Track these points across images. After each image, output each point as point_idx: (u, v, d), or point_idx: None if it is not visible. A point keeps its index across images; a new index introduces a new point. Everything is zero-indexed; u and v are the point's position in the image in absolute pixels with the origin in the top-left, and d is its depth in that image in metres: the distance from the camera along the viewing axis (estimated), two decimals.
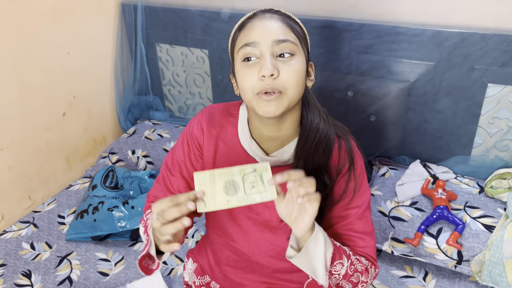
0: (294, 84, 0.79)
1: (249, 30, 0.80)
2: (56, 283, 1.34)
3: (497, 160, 1.48)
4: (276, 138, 0.87)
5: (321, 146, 0.85)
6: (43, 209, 1.64)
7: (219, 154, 0.92)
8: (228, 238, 0.96)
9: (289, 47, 0.79)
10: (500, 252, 1.21)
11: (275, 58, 0.78)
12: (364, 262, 0.87)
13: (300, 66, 0.80)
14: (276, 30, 0.79)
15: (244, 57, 0.80)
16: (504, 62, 1.35)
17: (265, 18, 0.81)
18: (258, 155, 0.88)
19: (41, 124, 1.67)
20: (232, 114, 0.93)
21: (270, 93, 0.78)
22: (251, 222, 0.92)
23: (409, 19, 1.47)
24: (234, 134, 0.91)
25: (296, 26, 0.83)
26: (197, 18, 1.76)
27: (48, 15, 1.60)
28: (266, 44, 0.78)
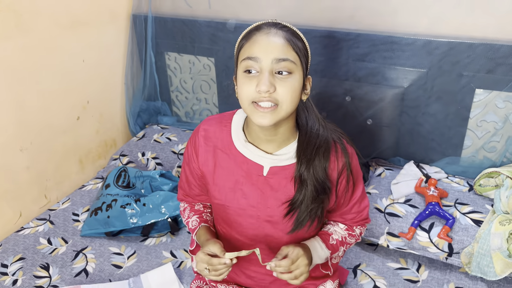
0: (289, 99, 0.85)
1: (254, 43, 0.85)
2: (73, 275, 1.42)
3: (485, 161, 1.57)
4: (273, 141, 0.95)
5: (321, 150, 0.93)
6: (58, 207, 1.73)
7: (218, 162, 1.00)
8: (234, 232, 1.05)
9: (288, 66, 0.84)
10: (488, 245, 1.29)
11: (274, 74, 0.84)
12: (357, 233, 1.08)
13: (296, 83, 0.86)
14: (277, 49, 0.84)
15: (245, 69, 0.86)
16: (490, 69, 1.45)
17: (270, 34, 0.85)
18: (258, 155, 0.96)
19: (58, 127, 1.77)
20: (225, 124, 1.01)
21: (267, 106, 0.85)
22: (253, 220, 1.01)
23: (402, 29, 1.56)
24: (230, 141, 0.99)
25: (299, 42, 0.88)
26: (204, 28, 1.86)
27: (67, 26, 1.71)
28: (266, 61, 0.83)
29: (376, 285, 1.34)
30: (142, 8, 1.98)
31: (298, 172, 0.93)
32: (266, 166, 0.96)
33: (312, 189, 0.92)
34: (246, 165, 0.97)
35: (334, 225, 1.09)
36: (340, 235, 1.06)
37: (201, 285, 1.19)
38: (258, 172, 0.97)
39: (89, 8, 1.79)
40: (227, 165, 0.99)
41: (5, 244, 1.55)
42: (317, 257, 0.99)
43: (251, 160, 0.97)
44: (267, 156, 0.95)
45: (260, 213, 0.99)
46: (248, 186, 0.98)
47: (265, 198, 0.98)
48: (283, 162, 0.96)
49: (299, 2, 1.69)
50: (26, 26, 1.55)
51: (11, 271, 1.44)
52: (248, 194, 0.98)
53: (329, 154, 0.94)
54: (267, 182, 0.97)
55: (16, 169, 1.62)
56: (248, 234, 1.03)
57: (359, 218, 1.08)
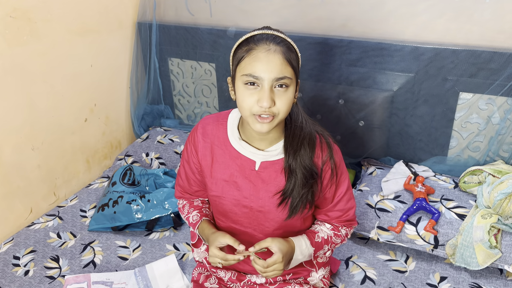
0: (285, 110, 0.95)
1: (255, 61, 0.91)
2: (82, 266, 1.51)
3: (470, 160, 1.67)
4: (265, 139, 1.05)
5: (306, 141, 1.03)
6: (67, 204, 1.82)
7: (215, 157, 1.10)
8: (230, 222, 1.14)
9: (285, 82, 0.93)
10: (470, 237, 1.37)
11: (273, 89, 0.93)
12: (342, 233, 1.14)
13: (291, 95, 0.95)
14: (277, 68, 0.91)
15: (247, 82, 0.93)
16: (472, 74, 1.54)
17: (270, 52, 0.91)
18: (250, 151, 1.06)
19: (67, 128, 1.86)
20: (221, 123, 1.10)
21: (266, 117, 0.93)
22: (247, 209, 1.10)
23: (391, 36, 1.66)
24: (226, 139, 1.09)
25: (293, 54, 0.95)
26: (206, 35, 1.96)
27: (77, 33, 1.82)
28: (268, 80, 0.91)
29: (366, 275, 1.42)
30: (147, 16, 2.09)
31: (287, 163, 1.02)
32: (258, 161, 1.06)
33: (301, 176, 1.02)
34: (240, 160, 1.07)
35: (320, 225, 1.16)
36: (326, 234, 1.13)
37: (202, 271, 1.28)
38: (250, 166, 1.06)
39: (98, 17, 1.90)
40: (223, 160, 1.09)
41: (17, 238, 1.63)
42: (299, 253, 1.07)
43: (244, 156, 1.06)
44: (258, 153, 1.05)
45: (253, 204, 1.08)
46: (241, 179, 1.07)
47: (257, 190, 1.07)
48: (273, 158, 1.05)
49: (295, 11, 1.79)
50: (40, 33, 1.66)
51: (23, 263, 1.52)
52: (241, 187, 1.08)
53: (314, 145, 1.04)
54: (258, 175, 1.06)
55: (28, 167, 1.72)
56: (243, 223, 1.12)
57: (345, 218, 1.15)
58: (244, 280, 1.21)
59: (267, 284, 1.21)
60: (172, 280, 1.40)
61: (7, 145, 1.62)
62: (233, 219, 1.13)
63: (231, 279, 1.22)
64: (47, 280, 1.45)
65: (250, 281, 1.21)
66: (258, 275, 1.21)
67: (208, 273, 1.27)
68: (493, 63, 1.50)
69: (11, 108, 1.61)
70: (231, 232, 1.15)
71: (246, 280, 1.21)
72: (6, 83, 1.57)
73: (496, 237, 1.37)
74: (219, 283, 1.23)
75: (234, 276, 1.21)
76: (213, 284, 1.23)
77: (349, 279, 1.41)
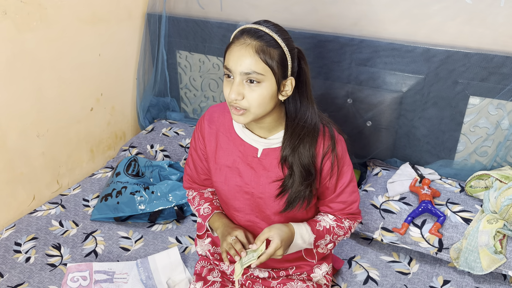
0: (256, 105, 0.95)
1: (229, 54, 0.95)
2: (83, 255, 1.51)
3: (477, 164, 1.66)
4: (263, 128, 1.06)
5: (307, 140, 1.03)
6: (69, 193, 1.82)
7: (220, 143, 1.12)
8: (232, 210, 1.16)
9: (255, 78, 0.93)
10: (476, 241, 1.37)
11: (244, 83, 0.94)
12: (345, 225, 1.14)
13: (264, 91, 0.94)
14: (245, 62, 0.92)
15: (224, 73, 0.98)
16: (483, 78, 1.54)
17: (243, 46, 0.93)
18: (253, 139, 1.08)
19: (73, 116, 1.86)
20: (228, 111, 1.12)
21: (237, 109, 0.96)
22: (248, 196, 1.11)
23: (403, 37, 1.65)
24: (230, 126, 1.12)
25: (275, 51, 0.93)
26: (216, 29, 1.96)
27: (87, 21, 1.81)
28: (236, 73, 0.94)
29: (369, 275, 1.42)
30: (157, 8, 2.08)
31: (283, 155, 1.04)
32: (260, 149, 1.08)
33: (299, 174, 1.04)
34: (243, 147, 1.09)
35: (323, 216, 1.16)
36: (328, 224, 1.13)
37: (205, 265, 1.27)
38: (253, 153, 1.09)
39: (108, 6, 1.89)
40: (226, 146, 1.11)
41: (19, 225, 1.63)
42: (299, 237, 1.06)
43: (247, 143, 1.09)
44: (260, 140, 1.07)
45: (254, 190, 1.10)
46: (243, 165, 1.10)
47: (258, 177, 1.09)
48: (274, 145, 1.07)
49: (307, 8, 1.79)
50: (50, 19, 1.65)
51: (24, 249, 1.52)
52: (243, 173, 1.10)
53: (316, 140, 1.04)
54: (260, 162, 1.08)
55: (32, 154, 1.71)
56: (245, 210, 1.14)
57: (348, 210, 1.14)
58: (247, 273, 1.21)
59: (270, 278, 1.20)
60: (174, 272, 1.40)
61: (13, 131, 1.61)
62: (235, 206, 1.15)
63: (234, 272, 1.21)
64: (48, 267, 1.44)
65: (253, 275, 1.21)
66: (260, 268, 1.21)
67: (211, 267, 1.26)
68: (505, 68, 1.49)
69: (19, 93, 1.60)
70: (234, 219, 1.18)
71: (249, 274, 1.21)
72: (14, 68, 1.56)
73: (501, 242, 1.36)
74: (222, 277, 1.23)
75: None
76: (216, 277, 1.22)
77: (352, 279, 1.40)
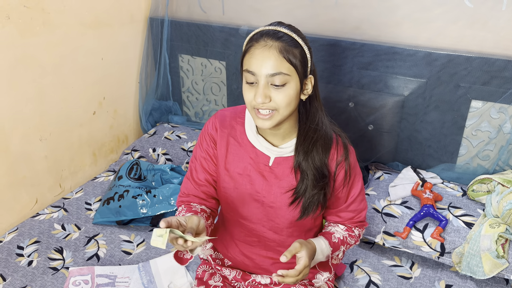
0: (285, 105, 0.94)
1: (251, 57, 0.92)
2: (85, 259, 1.51)
3: (479, 168, 1.65)
4: (277, 134, 1.04)
5: (320, 144, 1.02)
6: (72, 196, 1.82)
7: (230, 149, 1.09)
8: (239, 217, 1.13)
9: (281, 79, 0.91)
10: (478, 246, 1.36)
11: (269, 86, 0.92)
12: (356, 233, 1.13)
13: (291, 91, 0.93)
14: (270, 63, 0.90)
15: (246, 80, 0.95)
16: (485, 81, 1.54)
17: (266, 48, 0.91)
18: (265, 147, 1.05)
19: (75, 120, 1.86)
20: (240, 116, 1.10)
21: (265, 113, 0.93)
22: (258, 204, 1.09)
23: (404, 41, 1.65)
24: (242, 132, 1.09)
25: (296, 50, 0.93)
26: (218, 33, 1.96)
27: (89, 25, 1.82)
28: (261, 76, 0.91)
29: (371, 280, 1.41)
30: (159, 12, 2.09)
31: (297, 162, 1.02)
32: (272, 157, 1.06)
33: (312, 177, 1.02)
34: (255, 155, 1.07)
35: (334, 226, 1.16)
36: (341, 235, 1.13)
37: (207, 269, 1.27)
38: (265, 162, 1.06)
39: (110, 10, 1.90)
40: (237, 152, 1.08)
41: (21, 228, 1.63)
42: (321, 255, 1.06)
43: (259, 151, 1.07)
44: (273, 149, 1.05)
45: (265, 199, 1.08)
46: (255, 173, 1.07)
47: (270, 186, 1.07)
48: (287, 154, 1.05)
49: (308, 12, 1.79)
50: (52, 24, 1.66)
51: (27, 253, 1.52)
52: (254, 181, 1.07)
53: (329, 147, 1.03)
54: (272, 171, 1.06)
55: (35, 157, 1.72)
56: (252, 219, 1.12)
57: (357, 219, 1.15)
58: (249, 279, 1.21)
59: (272, 285, 1.20)
60: (175, 276, 1.40)
61: (16, 135, 1.62)
62: (242, 214, 1.12)
63: (236, 278, 1.21)
64: (50, 271, 1.45)
65: (255, 281, 1.21)
66: (263, 275, 1.20)
67: (212, 271, 1.26)
68: (507, 72, 1.49)
69: (21, 97, 1.61)
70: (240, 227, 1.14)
71: (251, 280, 1.21)
72: (17, 73, 1.57)
73: (503, 246, 1.36)
74: (223, 281, 1.23)
75: (239, 275, 1.21)
76: (218, 282, 1.22)
77: (354, 283, 1.40)
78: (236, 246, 1.20)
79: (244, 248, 1.19)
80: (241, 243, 1.18)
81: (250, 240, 1.16)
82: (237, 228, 1.16)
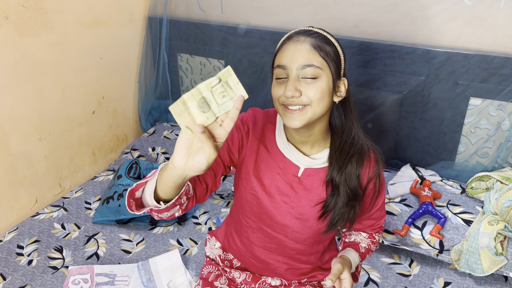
0: (316, 100, 0.88)
1: (283, 52, 0.90)
2: (85, 258, 1.51)
3: (478, 166, 1.65)
4: (307, 142, 0.99)
5: (354, 158, 0.98)
6: (72, 196, 1.83)
7: (259, 156, 1.03)
8: (262, 224, 1.09)
9: (312, 72, 0.87)
10: (476, 243, 1.37)
11: (300, 79, 0.88)
12: (376, 239, 1.14)
13: (323, 85, 0.88)
14: (302, 56, 0.87)
15: (276, 76, 0.91)
16: (483, 79, 1.54)
17: (298, 42, 0.89)
18: (295, 156, 1.00)
19: (74, 120, 1.87)
20: (271, 121, 1.03)
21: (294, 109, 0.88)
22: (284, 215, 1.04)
23: (402, 39, 1.65)
24: (272, 139, 1.03)
25: (329, 47, 0.89)
26: (216, 32, 1.96)
27: (88, 25, 1.82)
28: (292, 68, 0.88)
29: (370, 277, 1.42)
30: (158, 11, 2.09)
31: (330, 176, 0.98)
32: (302, 168, 1.01)
33: (344, 194, 0.97)
34: (284, 164, 1.02)
35: (357, 235, 1.14)
36: (366, 243, 1.12)
37: (213, 270, 1.23)
38: (294, 172, 1.02)
39: (109, 10, 1.90)
40: (266, 160, 1.03)
41: (21, 228, 1.64)
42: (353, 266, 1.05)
43: (289, 160, 1.02)
44: (303, 158, 0.99)
45: (292, 210, 1.04)
46: (283, 183, 1.02)
47: (298, 197, 1.03)
48: (318, 166, 1.01)
49: (307, 11, 1.79)
50: (51, 24, 1.66)
51: (27, 252, 1.53)
52: (282, 191, 1.03)
53: (363, 162, 0.99)
54: (301, 182, 1.02)
55: (34, 157, 1.72)
56: (276, 228, 1.08)
57: (378, 225, 1.13)
58: (259, 281, 1.18)
59: (282, 286, 1.19)
60: (175, 275, 1.40)
61: (15, 135, 1.63)
62: (266, 222, 1.08)
63: (246, 281, 1.19)
64: (50, 270, 1.45)
65: (266, 282, 1.18)
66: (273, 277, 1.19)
67: (218, 272, 1.22)
68: (505, 69, 1.49)
69: (20, 97, 1.61)
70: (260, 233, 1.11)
71: (261, 281, 1.18)
72: (16, 73, 1.58)
73: (502, 244, 1.36)
74: (229, 284, 1.20)
75: (249, 278, 1.19)
76: (224, 284, 1.19)
77: None
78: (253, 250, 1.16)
79: (261, 253, 1.15)
80: (259, 248, 1.15)
81: (269, 246, 1.13)
82: (257, 234, 1.12)
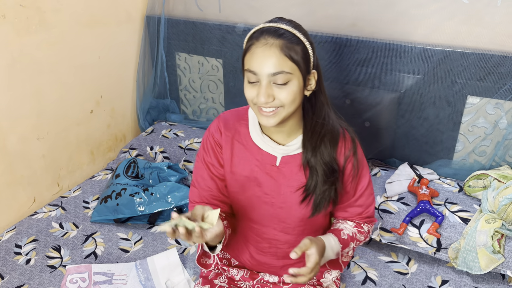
0: (289, 103, 0.92)
1: (252, 56, 0.91)
2: (83, 257, 1.51)
3: (476, 164, 1.66)
4: (282, 132, 1.02)
5: (327, 138, 1.00)
6: (70, 195, 1.83)
7: (235, 152, 1.06)
8: (248, 221, 1.11)
9: (283, 78, 0.89)
10: (474, 241, 1.36)
11: (271, 85, 0.90)
12: (365, 229, 1.12)
13: (294, 88, 0.91)
14: (272, 62, 0.89)
15: (247, 79, 0.93)
16: (481, 77, 1.54)
17: (266, 46, 0.89)
18: (271, 147, 1.03)
19: (72, 119, 1.87)
20: (243, 118, 1.07)
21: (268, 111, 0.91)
22: (268, 206, 1.07)
23: (400, 37, 1.65)
24: (246, 134, 1.06)
25: (298, 47, 0.91)
26: (214, 30, 1.96)
27: (86, 24, 1.82)
28: (263, 75, 0.90)
29: (367, 276, 1.42)
30: (156, 10, 2.09)
31: (305, 159, 1.00)
32: (279, 157, 1.03)
33: (322, 173, 0.99)
34: (261, 156, 1.04)
35: (343, 223, 1.13)
36: (351, 231, 1.11)
37: (213, 269, 1.23)
38: (271, 162, 1.04)
39: (107, 9, 1.90)
40: (243, 155, 1.06)
41: (19, 227, 1.64)
42: (330, 252, 1.03)
43: (265, 151, 1.04)
44: (279, 147, 1.02)
45: (274, 200, 1.06)
46: (262, 175, 1.05)
47: (278, 186, 1.05)
48: (293, 152, 1.03)
49: (305, 9, 1.79)
50: (49, 23, 1.66)
51: (25, 251, 1.53)
52: (262, 183, 1.05)
53: (337, 141, 1.01)
54: (279, 171, 1.04)
55: (32, 157, 1.72)
56: (263, 222, 1.09)
57: (365, 214, 1.13)
58: (257, 278, 1.19)
59: (280, 283, 1.19)
60: (172, 273, 1.40)
61: (13, 134, 1.63)
62: (251, 217, 1.10)
63: (244, 277, 1.20)
64: (48, 269, 1.45)
65: (263, 279, 1.19)
66: (271, 274, 1.19)
67: (218, 271, 1.23)
68: (503, 67, 1.49)
69: (18, 97, 1.62)
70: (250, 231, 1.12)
71: (259, 279, 1.19)
72: (14, 72, 1.58)
73: (499, 242, 1.36)
74: (228, 283, 1.21)
75: (247, 275, 1.19)
76: (223, 282, 1.20)
77: (350, 279, 1.40)
78: (247, 249, 1.17)
79: (256, 254, 1.17)
80: (252, 247, 1.16)
81: (262, 246, 1.14)
82: (248, 232, 1.14)
